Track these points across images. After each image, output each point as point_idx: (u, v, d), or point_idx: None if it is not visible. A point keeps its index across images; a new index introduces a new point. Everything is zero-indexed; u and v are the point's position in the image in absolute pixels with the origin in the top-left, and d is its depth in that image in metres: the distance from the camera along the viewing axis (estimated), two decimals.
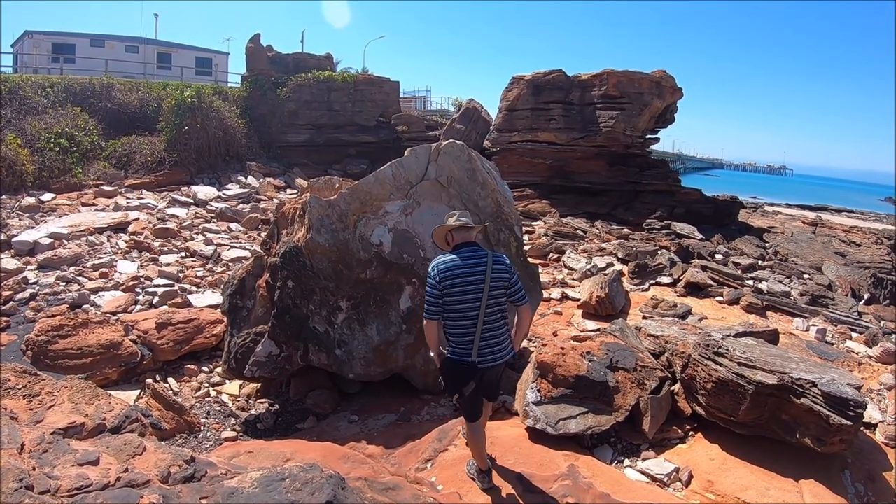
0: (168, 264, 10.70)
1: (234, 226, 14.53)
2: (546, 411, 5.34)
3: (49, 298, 8.73)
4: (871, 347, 8.83)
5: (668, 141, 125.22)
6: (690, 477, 4.95)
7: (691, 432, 5.67)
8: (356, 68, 30.29)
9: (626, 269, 12.49)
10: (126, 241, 11.82)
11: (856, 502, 4.63)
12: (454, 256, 4.18)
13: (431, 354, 4.32)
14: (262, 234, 9.92)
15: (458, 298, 4.09)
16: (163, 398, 5.83)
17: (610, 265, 12.73)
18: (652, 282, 11.93)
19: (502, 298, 4.22)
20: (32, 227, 12.08)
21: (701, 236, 17.20)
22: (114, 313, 8.14)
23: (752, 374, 5.07)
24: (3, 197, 14.33)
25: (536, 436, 5.24)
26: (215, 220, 14.92)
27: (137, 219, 13.72)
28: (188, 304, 8.70)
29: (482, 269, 4.12)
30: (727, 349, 5.45)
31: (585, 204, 21.00)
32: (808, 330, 9.47)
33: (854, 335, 9.48)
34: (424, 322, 4.21)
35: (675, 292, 11.28)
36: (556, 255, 13.74)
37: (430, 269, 4.20)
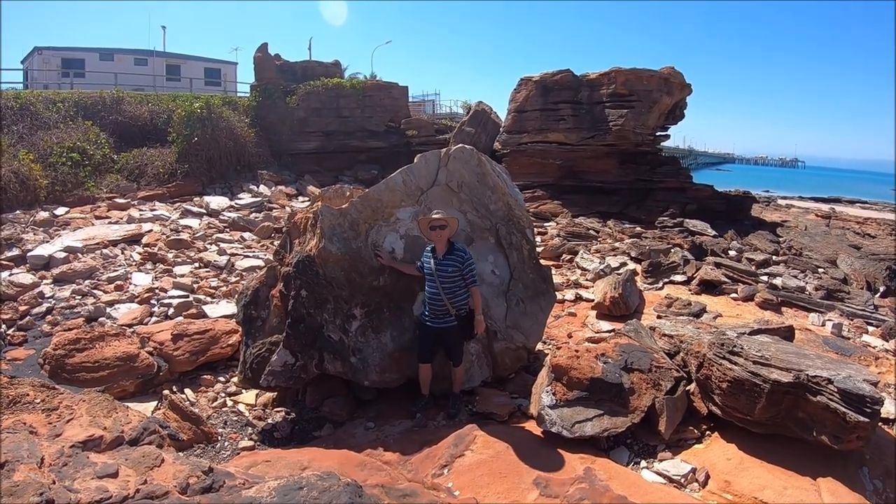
0: (182, 275, 10.77)
1: (247, 235, 14.58)
2: (561, 414, 5.34)
3: (65, 312, 8.82)
4: (887, 341, 8.76)
5: (678, 137, 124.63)
6: (707, 477, 4.93)
7: (707, 432, 5.65)
8: (364, 74, 30.44)
9: (639, 268, 12.46)
10: (140, 253, 11.91)
11: (874, 499, 4.59)
12: None
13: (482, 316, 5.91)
14: (275, 242, 9.96)
15: None
16: (180, 409, 5.87)
17: (623, 265, 12.70)
18: (666, 280, 11.89)
19: None
20: (47, 242, 12.19)
21: (714, 233, 17.08)
22: (129, 325, 8.23)
23: (768, 372, 5.05)
24: (18, 212, 14.50)
25: (552, 439, 5.24)
26: (228, 229, 14.98)
27: (151, 230, 13.82)
28: (203, 315, 8.76)
29: None
30: (742, 348, 5.42)
31: (597, 203, 20.91)
32: (823, 325, 9.40)
33: (870, 329, 9.41)
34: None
35: (690, 290, 11.25)
36: (569, 256, 13.72)
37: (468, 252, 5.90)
